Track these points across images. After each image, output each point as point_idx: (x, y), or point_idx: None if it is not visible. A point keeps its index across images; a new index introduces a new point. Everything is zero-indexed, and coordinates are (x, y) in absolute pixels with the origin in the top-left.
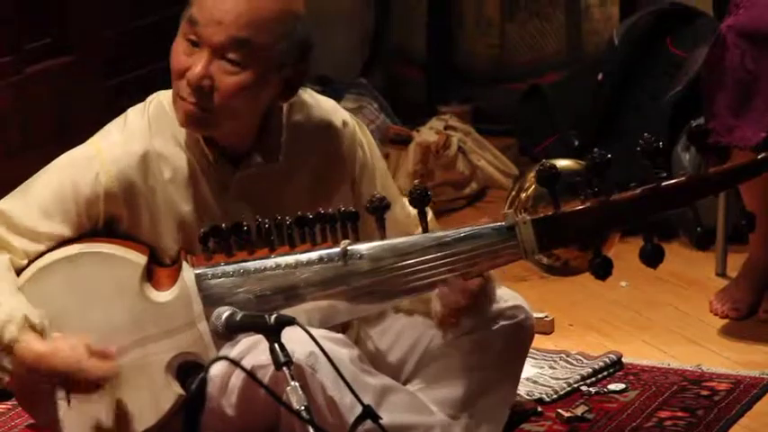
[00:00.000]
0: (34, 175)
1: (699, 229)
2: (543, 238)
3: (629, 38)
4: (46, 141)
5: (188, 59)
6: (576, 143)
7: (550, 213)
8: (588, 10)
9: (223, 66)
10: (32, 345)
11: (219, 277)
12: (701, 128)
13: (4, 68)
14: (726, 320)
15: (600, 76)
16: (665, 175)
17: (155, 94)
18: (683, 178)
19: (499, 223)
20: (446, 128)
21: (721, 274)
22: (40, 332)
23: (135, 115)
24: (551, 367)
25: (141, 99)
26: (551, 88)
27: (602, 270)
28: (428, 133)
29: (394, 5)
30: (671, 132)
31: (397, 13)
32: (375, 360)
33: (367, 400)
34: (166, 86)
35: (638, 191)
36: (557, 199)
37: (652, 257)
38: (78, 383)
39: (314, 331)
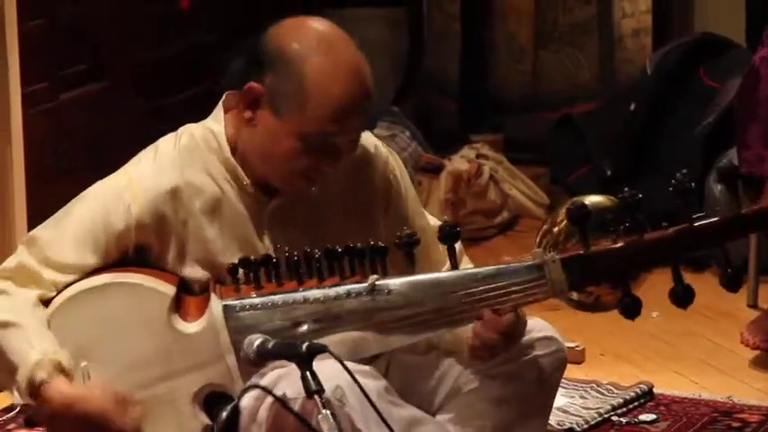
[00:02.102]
0: (67, 205)
1: (729, 270)
2: (572, 277)
3: (662, 68)
4: (80, 167)
5: (312, 158)
6: (609, 172)
7: (580, 252)
8: (621, 39)
9: None
10: (61, 389)
11: (247, 310)
12: (731, 166)
13: (38, 95)
14: (757, 352)
15: (633, 106)
16: (697, 215)
17: (184, 127)
18: (715, 219)
19: (528, 261)
20: (478, 156)
21: (753, 305)
22: (69, 375)
23: (166, 146)
24: (582, 397)
25: (175, 124)
26: (584, 117)
27: (631, 310)
28: (460, 162)
29: (427, 34)
30: (703, 163)
31: (430, 41)
32: (404, 390)
33: None
34: (199, 112)
35: (670, 231)
36: (587, 238)
37: (682, 299)
38: (103, 429)
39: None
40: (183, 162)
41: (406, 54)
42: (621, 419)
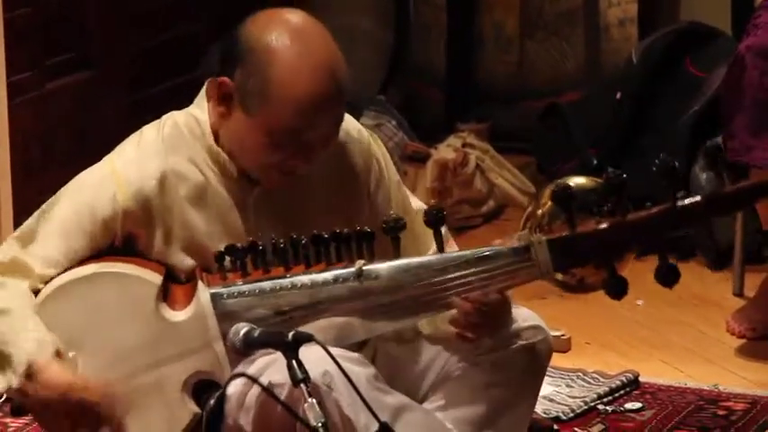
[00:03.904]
0: (53, 197)
1: (715, 251)
2: (558, 258)
3: (647, 57)
4: (66, 158)
5: (282, 155)
6: (595, 162)
7: (565, 234)
8: (607, 29)
9: None
10: (57, 373)
11: (235, 297)
12: (716, 145)
13: (23, 84)
14: (743, 340)
15: (618, 95)
16: (681, 193)
17: (168, 114)
18: (698, 198)
19: (515, 243)
20: (464, 145)
21: (738, 293)
22: (63, 362)
23: (150, 133)
24: (568, 386)
25: (162, 115)
26: (570, 107)
27: (617, 290)
28: (446, 151)
29: (413, 23)
30: (689, 152)
31: (417, 30)
32: (392, 378)
33: (382, 420)
34: (187, 101)
35: (654, 210)
36: (572, 219)
37: (667, 277)
38: (93, 420)
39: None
40: (167, 149)
41: (392, 43)
42: (607, 408)
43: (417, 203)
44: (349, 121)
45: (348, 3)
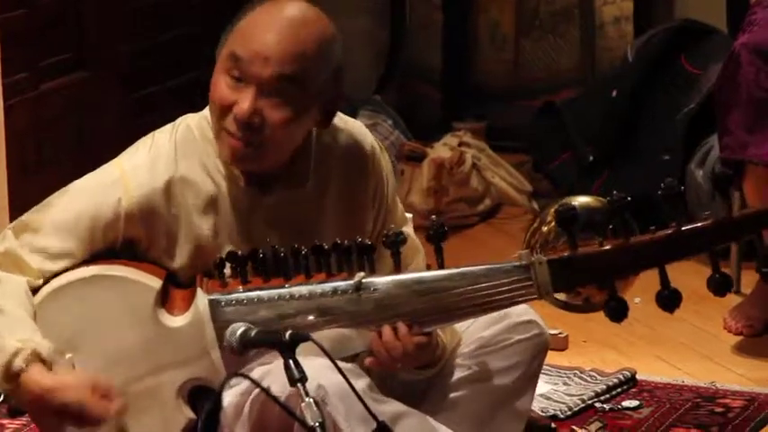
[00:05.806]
0: (56, 193)
1: (717, 275)
2: (558, 279)
3: (643, 54)
4: (62, 158)
5: (233, 94)
6: (591, 159)
7: (567, 255)
8: (603, 27)
9: (270, 101)
10: (37, 378)
11: (233, 305)
12: (725, 173)
13: (19, 85)
14: (740, 337)
15: (614, 93)
16: (685, 218)
17: (182, 118)
18: (704, 223)
19: (516, 262)
20: (460, 144)
21: (735, 291)
22: (48, 365)
23: (162, 138)
24: (565, 384)
25: (158, 115)
26: (566, 105)
27: (617, 313)
28: (442, 150)
29: (409, 22)
30: (685, 149)
31: (413, 29)
32: (386, 382)
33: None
34: (184, 102)
35: (658, 235)
36: (575, 240)
37: (669, 302)
38: (81, 419)
39: (322, 362)
40: (179, 155)
41: (388, 42)
42: (605, 406)
43: (408, 229)
44: (365, 135)
45: (344, 2)
